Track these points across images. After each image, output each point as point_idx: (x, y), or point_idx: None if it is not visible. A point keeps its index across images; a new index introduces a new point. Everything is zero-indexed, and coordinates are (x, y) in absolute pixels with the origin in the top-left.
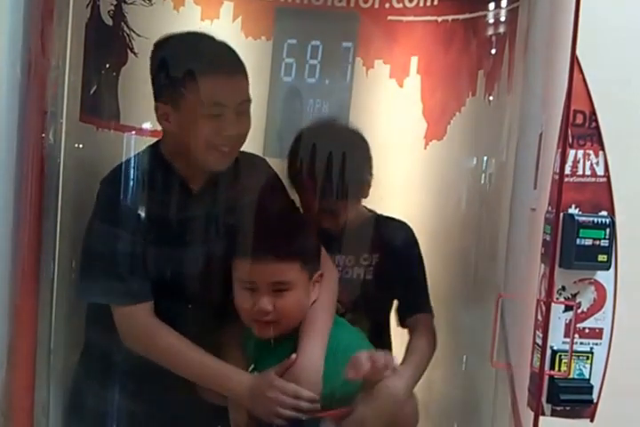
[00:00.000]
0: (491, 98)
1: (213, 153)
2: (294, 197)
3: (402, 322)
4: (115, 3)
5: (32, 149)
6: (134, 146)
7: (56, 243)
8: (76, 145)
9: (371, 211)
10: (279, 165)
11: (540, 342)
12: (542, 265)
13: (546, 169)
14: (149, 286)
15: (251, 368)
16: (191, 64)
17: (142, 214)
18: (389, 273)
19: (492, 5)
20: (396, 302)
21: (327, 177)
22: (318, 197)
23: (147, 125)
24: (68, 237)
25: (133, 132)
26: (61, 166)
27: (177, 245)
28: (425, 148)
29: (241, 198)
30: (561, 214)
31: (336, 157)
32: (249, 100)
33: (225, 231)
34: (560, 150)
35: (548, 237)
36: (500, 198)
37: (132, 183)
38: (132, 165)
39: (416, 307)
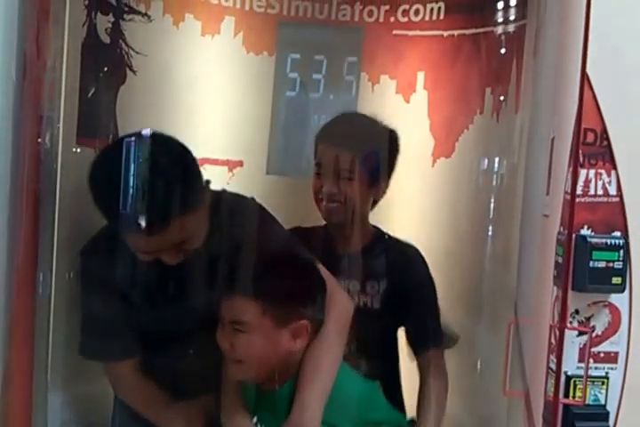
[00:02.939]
0: (499, 113)
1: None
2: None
3: (414, 355)
4: (112, 20)
5: (28, 154)
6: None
7: (53, 251)
8: (74, 150)
9: (378, 229)
10: (283, 182)
11: (553, 366)
12: (555, 288)
13: (558, 175)
14: (136, 345)
15: (254, 420)
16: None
17: (125, 282)
18: (398, 302)
19: (499, 20)
20: (403, 333)
21: None
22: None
23: None
24: (65, 246)
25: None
26: (58, 172)
27: (160, 305)
28: (433, 165)
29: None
30: (573, 236)
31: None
32: (186, 241)
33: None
34: (571, 170)
35: (560, 260)
36: (512, 216)
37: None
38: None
39: (427, 341)
